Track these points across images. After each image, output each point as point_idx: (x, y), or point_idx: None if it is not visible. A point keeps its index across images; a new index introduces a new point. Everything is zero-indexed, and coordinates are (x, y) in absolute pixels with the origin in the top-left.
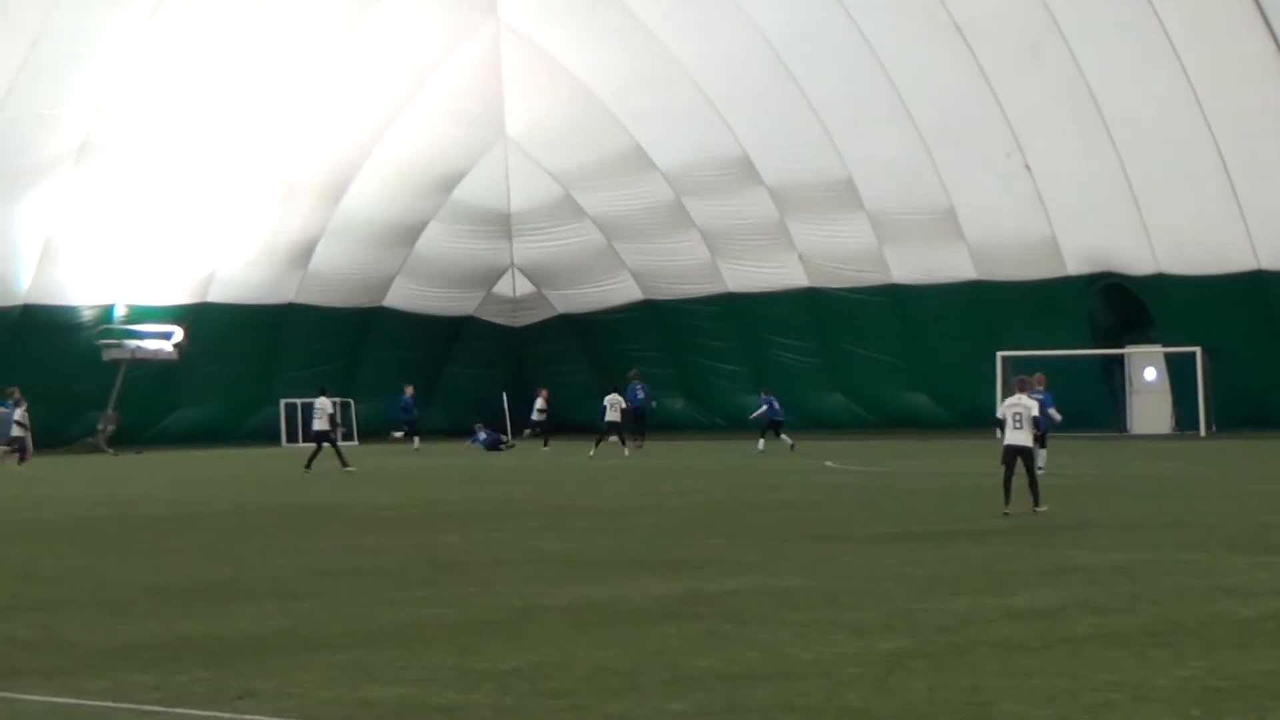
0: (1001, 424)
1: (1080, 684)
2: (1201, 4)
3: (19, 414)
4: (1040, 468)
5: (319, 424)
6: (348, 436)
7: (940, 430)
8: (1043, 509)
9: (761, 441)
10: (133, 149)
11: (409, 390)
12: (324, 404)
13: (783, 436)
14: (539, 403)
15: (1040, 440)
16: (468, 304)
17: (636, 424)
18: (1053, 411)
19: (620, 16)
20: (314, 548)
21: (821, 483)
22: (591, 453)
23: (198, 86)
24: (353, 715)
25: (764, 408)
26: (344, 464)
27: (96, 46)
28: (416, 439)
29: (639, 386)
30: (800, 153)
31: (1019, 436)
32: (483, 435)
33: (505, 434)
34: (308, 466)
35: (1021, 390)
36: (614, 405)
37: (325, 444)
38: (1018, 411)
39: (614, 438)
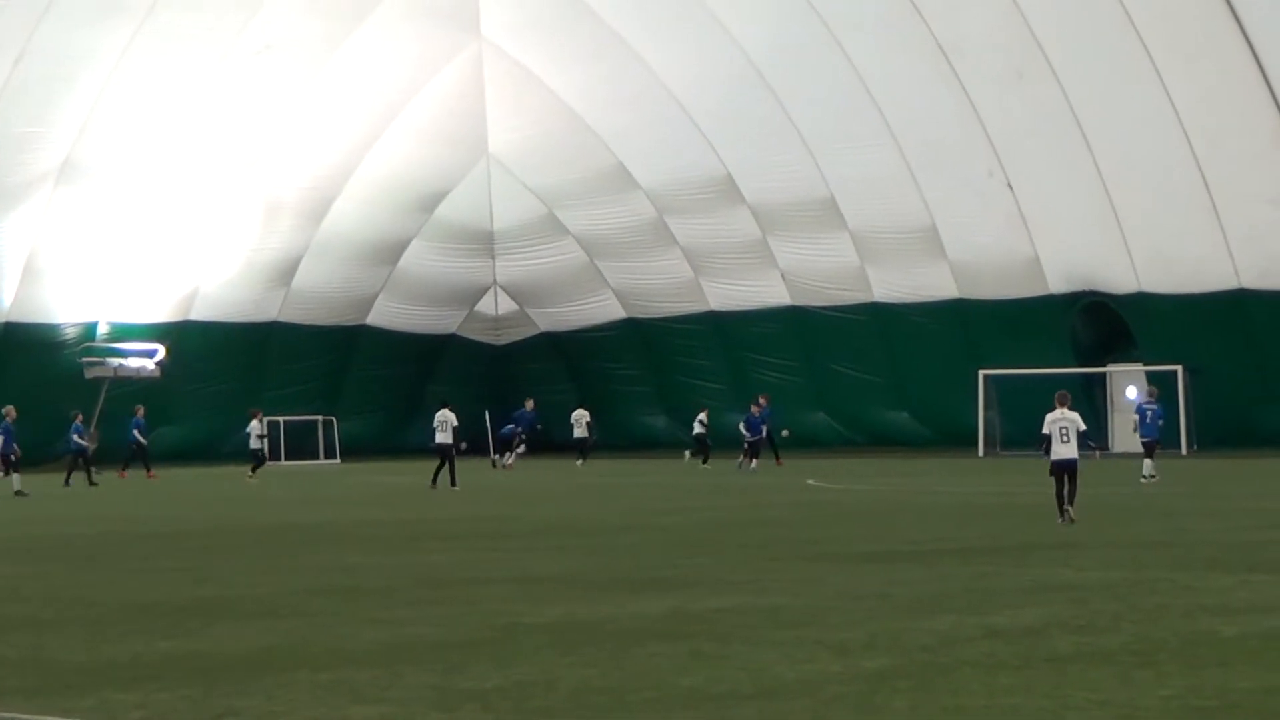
0: (1047, 440)
1: (1063, 703)
2: (1184, 27)
3: None
4: (1151, 476)
5: (442, 436)
6: (330, 454)
7: (922, 448)
8: (1073, 516)
9: (755, 462)
10: (115, 167)
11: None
12: (447, 416)
13: (750, 460)
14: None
15: (1150, 450)
16: (450, 322)
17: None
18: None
19: (603, 35)
20: (299, 566)
21: (804, 500)
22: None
23: (181, 105)
24: None
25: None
26: (453, 483)
27: (80, 66)
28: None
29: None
30: (782, 171)
31: (1066, 450)
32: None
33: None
34: (433, 484)
35: (1061, 405)
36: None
37: (448, 459)
38: (1064, 426)
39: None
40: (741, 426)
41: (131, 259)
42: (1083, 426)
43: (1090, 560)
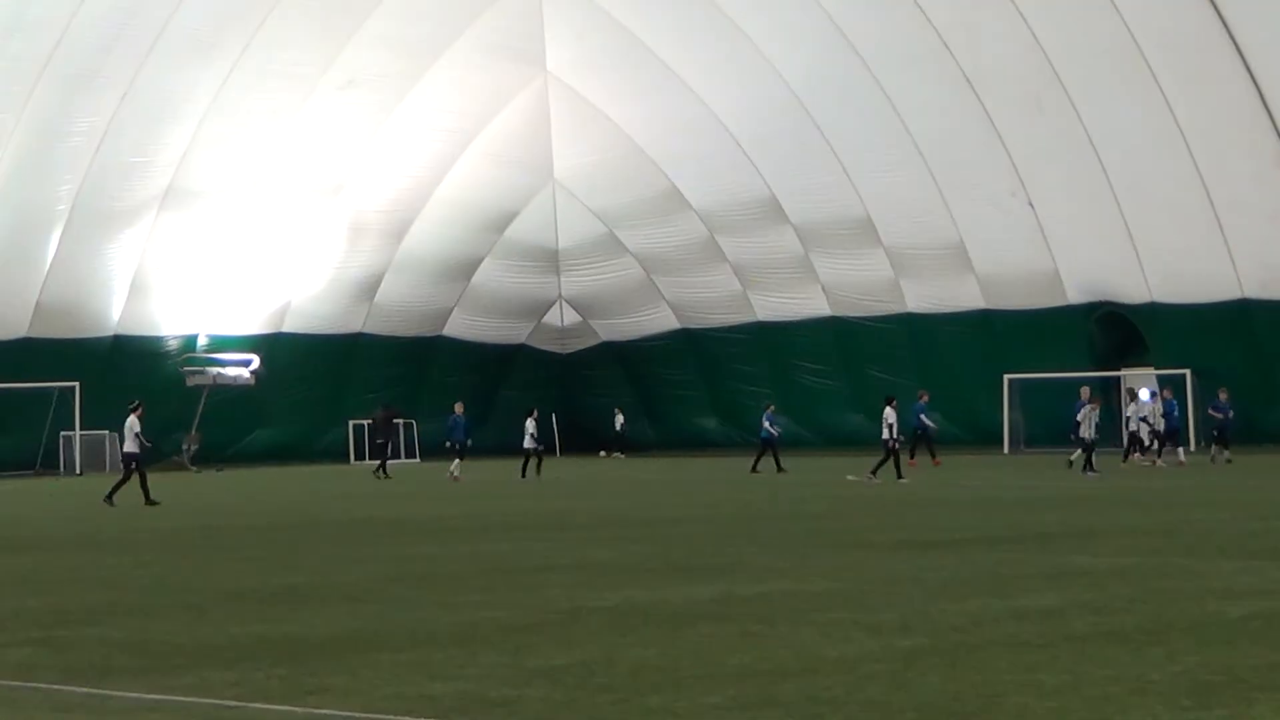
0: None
1: (1081, 678)
2: (1191, 57)
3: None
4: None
5: (528, 442)
6: (410, 454)
7: (952, 446)
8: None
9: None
10: (214, 193)
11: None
12: (529, 425)
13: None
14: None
15: (1223, 440)
16: (519, 333)
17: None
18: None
19: (657, 69)
20: (379, 556)
21: (843, 494)
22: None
23: (273, 136)
24: (415, 709)
25: (768, 425)
26: (537, 472)
27: (181, 101)
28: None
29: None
30: (823, 193)
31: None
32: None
33: (557, 453)
34: (523, 474)
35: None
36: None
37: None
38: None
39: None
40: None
41: (229, 276)
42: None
43: (1105, 547)
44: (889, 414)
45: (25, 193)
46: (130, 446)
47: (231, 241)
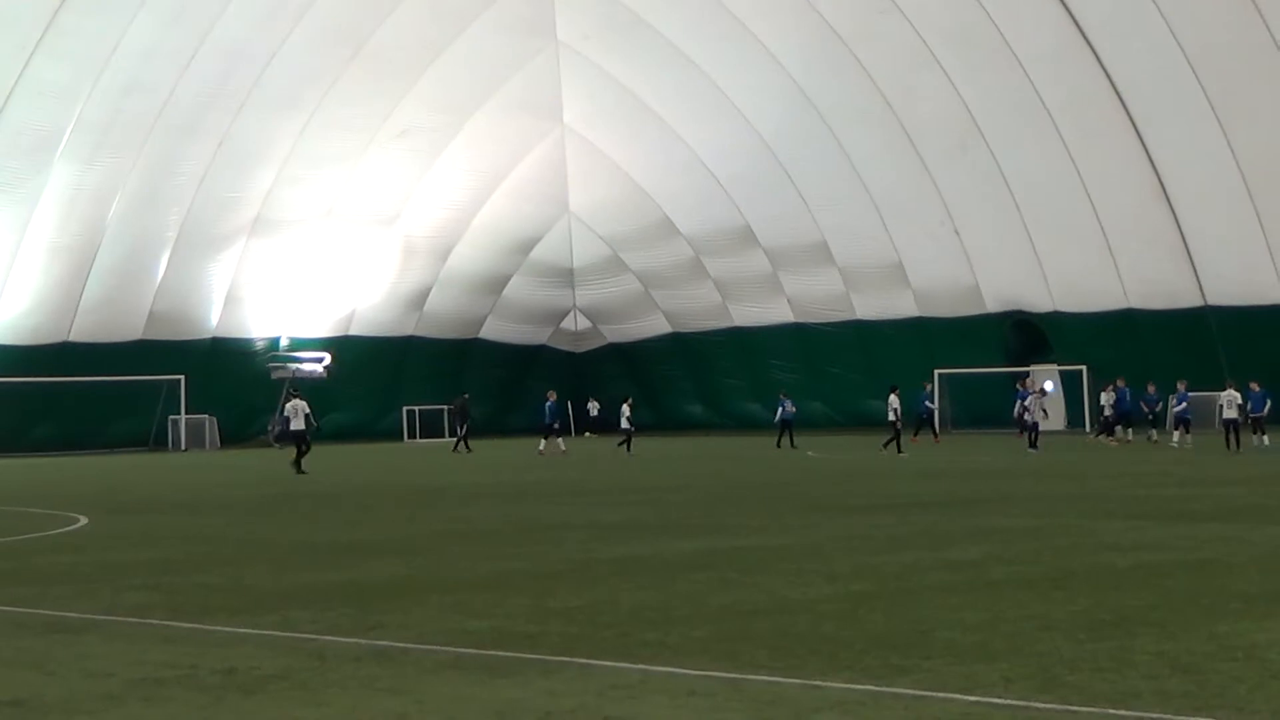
0: (1221, 407)
1: (998, 616)
2: (1081, 108)
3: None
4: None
5: (623, 423)
6: (453, 434)
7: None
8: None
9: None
10: (294, 221)
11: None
12: (625, 409)
13: (789, 439)
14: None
15: (1260, 426)
16: (541, 336)
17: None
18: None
19: (654, 121)
20: (428, 516)
21: (805, 467)
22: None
23: (341, 174)
24: (456, 641)
25: (780, 409)
26: (628, 449)
27: (267, 147)
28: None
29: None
30: (787, 222)
31: (1230, 414)
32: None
33: (570, 433)
34: (625, 448)
35: (1230, 387)
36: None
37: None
38: (1230, 399)
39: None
40: (1025, 406)
41: (306, 289)
42: (1239, 400)
43: (1018, 511)
44: (893, 400)
45: (141, 222)
46: (299, 424)
47: (308, 261)
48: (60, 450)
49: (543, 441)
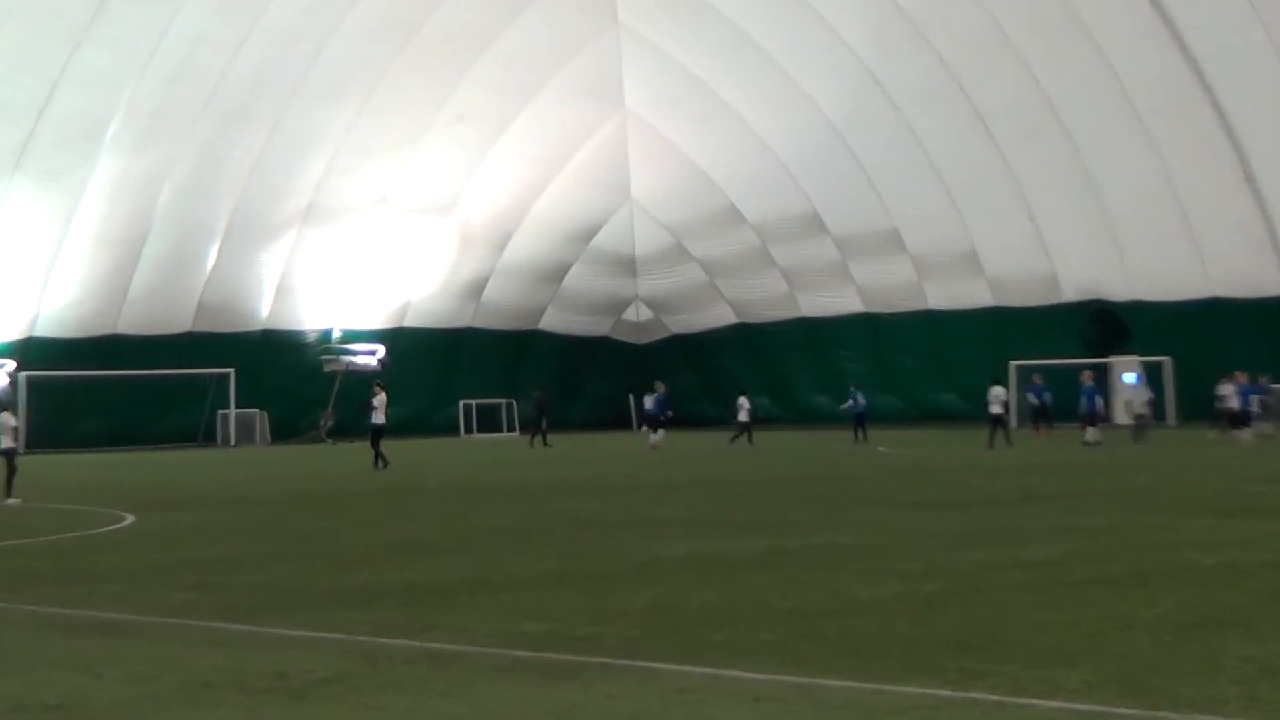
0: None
1: (1076, 617)
2: (1162, 90)
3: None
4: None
5: (742, 416)
6: (510, 429)
7: (966, 422)
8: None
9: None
10: (346, 211)
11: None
12: (743, 401)
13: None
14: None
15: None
16: (603, 327)
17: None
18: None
19: (718, 105)
20: (482, 513)
21: (875, 463)
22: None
23: (395, 162)
24: (512, 644)
25: (850, 402)
26: (750, 441)
27: (319, 134)
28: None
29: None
30: (856, 208)
31: None
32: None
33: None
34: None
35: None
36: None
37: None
38: None
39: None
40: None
41: (359, 280)
42: None
43: (1097, 507)
44: (1000, 392)
45: (190, 211)
46: (379, 419)
47: (361, 251)
48: (107, 446)
49: (651, 435)
